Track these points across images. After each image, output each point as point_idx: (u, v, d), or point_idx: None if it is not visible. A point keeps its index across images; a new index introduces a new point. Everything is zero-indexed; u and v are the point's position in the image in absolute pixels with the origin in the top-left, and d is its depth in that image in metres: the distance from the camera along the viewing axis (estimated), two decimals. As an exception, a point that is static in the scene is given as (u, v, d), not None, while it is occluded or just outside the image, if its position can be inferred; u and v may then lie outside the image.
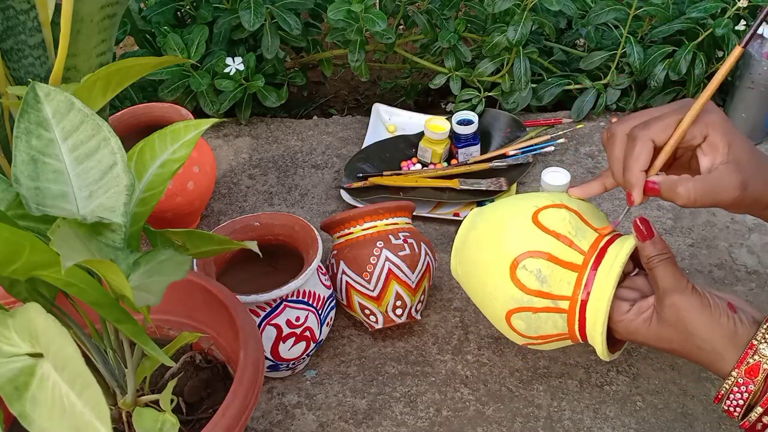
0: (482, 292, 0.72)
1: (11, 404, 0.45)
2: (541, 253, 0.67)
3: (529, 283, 0.68)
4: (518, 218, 0.70)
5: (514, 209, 0.72)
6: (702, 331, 0.62)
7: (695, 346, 0.63)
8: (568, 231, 0.68)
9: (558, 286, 0.67)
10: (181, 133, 0.56)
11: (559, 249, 0.67)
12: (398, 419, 0.76)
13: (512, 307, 0.69)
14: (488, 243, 0.71)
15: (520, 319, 0.69)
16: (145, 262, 0.50)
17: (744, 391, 0.60)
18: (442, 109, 1.32)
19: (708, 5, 1.08)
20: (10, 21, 0.65)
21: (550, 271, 0.67)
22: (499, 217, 0.72)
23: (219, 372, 0.67)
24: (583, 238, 0.68)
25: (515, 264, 0.68)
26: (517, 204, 0.72)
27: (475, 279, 0.73)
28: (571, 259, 0.67)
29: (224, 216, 1.03)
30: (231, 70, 1.10)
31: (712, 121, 0.61)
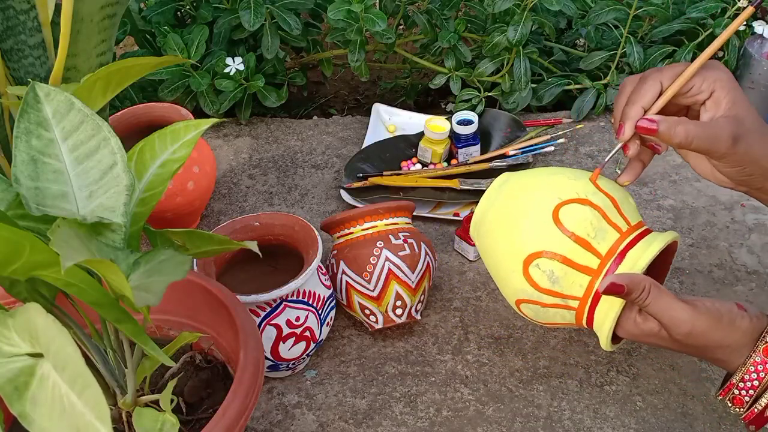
0: (495, 273, 0.72)
1: (11, 404, 0.45)
2: (556, 255, 0.66)
3: (541, 282, 0.67)
4: (539, 211, 0.67)
5: (537, 197, 0.68)
6: (721, 341, 0.61)
7: (712, 353, 0.63)
8: (587, 233, 0.65)
9: (570, 287, 0.67)
10: (181, 133, 0.56)
11: (575, 252, 0.66)
12: (398, 419, 0.76)
13: (522, 297, 0.69)
14: (506, 231, 0.70)
15: (529, 308, 0.70)
16: (145, 262, 0.50)
17: (762, 371, 0.60)
18: (442, 109, 1.32)
19: (708, 5, 1.08)
20: (10, 21, 0.65)
21: (563, 273, 0.66)
22: (522, 203, 0.69)
23: (219, 372, 0.67)
24: (603, 240, 0.66)
25: (529, 261, 0.67)
26: (542, 189, 0.69)
27: (490, 258, 0.72)
28: (586, 263, 0.66)
29: (224, 216, 1.03)
30: (231, 70, 1.10)
31: (720, 78, 0.62)
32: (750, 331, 0.60)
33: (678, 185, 1.04)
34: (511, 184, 0.72)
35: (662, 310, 0.61)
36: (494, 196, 0.73)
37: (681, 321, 0.61)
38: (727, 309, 0.62)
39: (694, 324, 0.61)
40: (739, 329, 0.61)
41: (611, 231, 0.66)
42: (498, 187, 0.73)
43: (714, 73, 0.63)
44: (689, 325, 0.61)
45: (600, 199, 0.67)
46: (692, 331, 0.61)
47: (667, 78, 0.64)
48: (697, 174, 0.69)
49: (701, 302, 0.62)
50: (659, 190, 1.03)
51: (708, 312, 0.61)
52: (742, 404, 0.61)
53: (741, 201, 1.00)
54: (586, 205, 0.66)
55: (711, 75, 0.63)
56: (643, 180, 1.05)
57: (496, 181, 0.74)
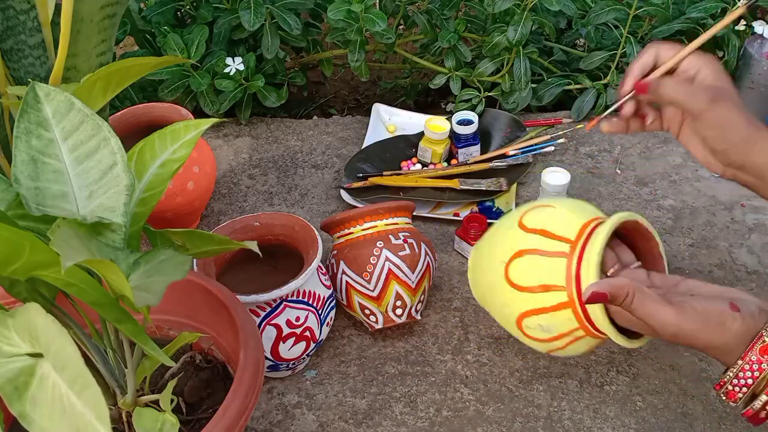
0: (493, 306, 0.74)
1: (11, 404, 0.45)
2: (533, 311, 0.68)
3: (539, 335, 0.70)
4: (498, 284, 0.70)
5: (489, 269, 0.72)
6: (710, 343, 0.61)
7: (705, 351, 0.63)
8: (539, 279, 0.68)
9: (563, 326, 0.68)
10: (181, 133, 0.56)
11: (544, 299, 0.68)
12: (398, 419, 0.76)
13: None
14: (489, 304, 0.74)
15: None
16: (145, 262, 0.50)
17: (756, 369, 0.60)
18: (442, 109, 1.32)
19: (708, 5, 1.08)
20: (10, 21, 0.65)
21: (550, 320, 0.68)
22: (484, 279, 0.74)
23: (219, 372, 0.67)
24: (557, 273, 0.67)
25: (519, 323, 0.70)
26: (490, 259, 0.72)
27: (487, 297, 0.75)
28: (558, 300, 0.67)
29: (224, 216, 1.03)
30: (231, 70, 1.10)
31: (707, 59, 0.71)
32: (741, 333, 0.60)
33: (678, 185, 1.04)
34: (476, 261, 0.76)
35: (648, 314, 0.62)
36: (472, 281, 0.77)
37: (666, 324, 0.61)
38: (718, 311, 0.61)
39: (680, 327, 0.61)
40: (728, 331, 0.60)
41: (557, 261, 0.67)
42: (471, 265, 0.77)
43: (703, 55, 0.71)
44: (675, 328, 0.61)
45: (531, 241, 0.69)
46: (678, 334, 0.61)
47: (664, 49, 0.72)
48: (694, 158, 0.73)
49: (690, 303, 0.62)
50: (659, 190, 1.03)
51: (695, 314, 0.61)
52: (735, 399, 0.61)
53: (741, 201, 1.00)
54: (523, 255, 0.68)
55: (700, 56, 0.71)
56: (643, 180, 1.05)
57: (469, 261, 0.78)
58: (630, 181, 1.05)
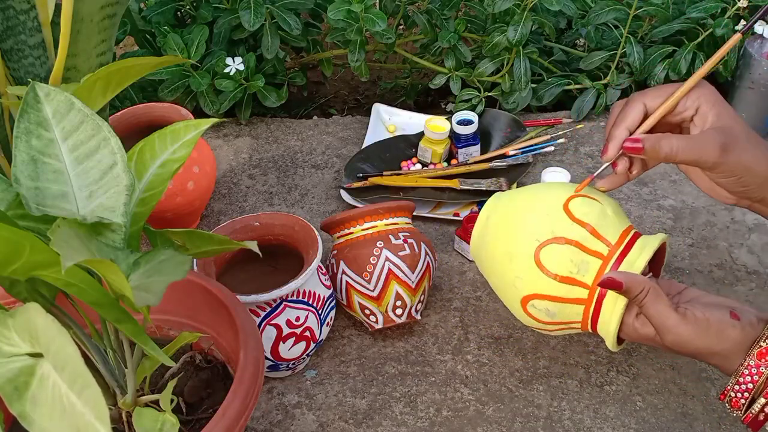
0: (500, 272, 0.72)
1: (11, 404, 0.44)
2: (547, 296, 0.68)
3: (541, 316, 0.70)
4: (522, 256, 0.69)
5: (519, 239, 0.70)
6: (710, 349, 0.62)
7: (704, 359, 0.64)
8: (569, 271, 0.67)
9: (568, 317, 0.69)
10: (181, 133, 0.56)
11: (563, 290, 0.68)
12: (398, 419, 0.76)
13: (528, 324, 0.72)
14: (497, 273, 0.73)
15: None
16: (145, 262, 0.50)
17: (755, 374, 0.60)
18: (442, 109, 1.32)
19: (708, 5, 1.08)
20: (10, 21, 0.65)
21: (558, 309, 0.69)
22: (505, 245, 0.71)
23: (219, 372, 0.67)
24: (587, 272, 0.67)
25: (525, 302, 0.70)
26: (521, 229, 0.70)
27: (495, 262, 0.73)
28: (576, 295, 0.68)
29: (224, 216, 1.03)
30: (231, 70, 1.10)
31: (704, 93, 0.65)
32: (740, 341, 0.61)
33: (678, 185, 1.04)
34: (496, 218, 0.73)
35: (655, 315, 0.63)
36: (482, 231, 0.75)
37: (667, 328, 0.63)
38: (717, 319, 0.62)
39: (679, 333, 0.62)
40: (728, 339, 0.61)
41: (593, 260, 0.67)
42: (485, 220, 0.75)
43: (698, 90, 0.65)
44: (675, 333, 0.62)
45: (575, 232, 0.68)
46: (677, 340, 0.63)
47: (650, 98, 0.66)
48: (701, 190, 0.70)
49: (692, 311, 0.63)
50: (659, 190, 1.03)
51: (696, 322, 0.62)
52: (739, 407, 0.62)
53: (741, 201, 1.00)
54: (563, 243, 0.68)
55: (695, 92, 0.65)
56: (643, 180, 1.05)
57: (482, 211, 0.76)
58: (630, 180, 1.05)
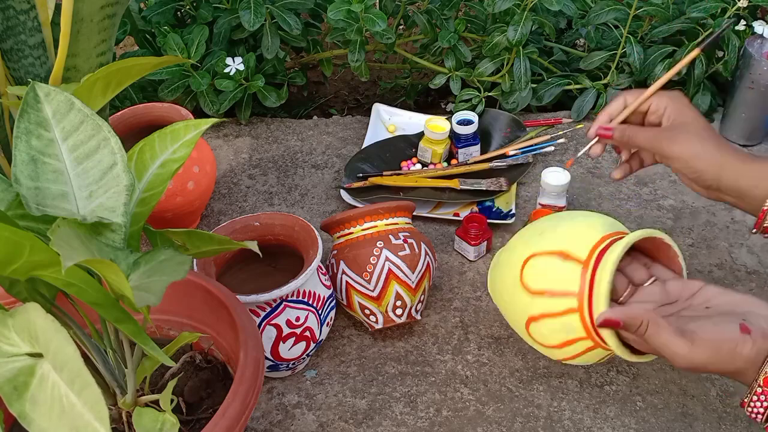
0: (505, 308, 0.76)
1: (11, 404, 0.45)
2: (543, 314, 0.69)
3: (546, 339, 0.70)
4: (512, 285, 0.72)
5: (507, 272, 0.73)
6: (723, 370, 0.62)
7: (716, 373, 0.63)
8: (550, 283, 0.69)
9: (573, 332, 0.68)
10: (181, 133, 0.56)
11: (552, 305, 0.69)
12: (398, 419, 0.76)
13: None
14: (502, 302, 0.76)
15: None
16: (145, 262, 0.50)
17: (765, 400, 0.60)
18: (442, 109, 1.32)
19: (708, 5, 1.08)
20: (10, 21, 0.65)
21: (559, 325, 0.68)
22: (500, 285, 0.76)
23: (219, 372, 0.67)
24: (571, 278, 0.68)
25: (528, 324, 0.71)
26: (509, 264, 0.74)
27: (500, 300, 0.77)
28: (567, 306, 0.68)
29: (224, 216, 1.03)
30: (231, 70, 1.10)
31: (672, 96, 0.77)
32: (753, 356, 0.60)
33: (678, 185, 1.04)
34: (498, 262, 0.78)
35: (661, 345, 0.62)
36: (491, 274, 0.79)
37: (679, 357, 0.62)
38: (729, 337, 0.61)
39: (692, 359, 0.61)
40: (740, 357, 0.60)
41: (572, 265, 0.68)
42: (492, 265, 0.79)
43: (668, 93, 0.77)
44: (687, 359, 0.61)
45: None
46: (691, 365, 0.62)
47: (631, 96, 0.78)
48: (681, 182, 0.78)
49: (701, 332, 0.62)
50: (659, 190, 1.03)
51: (706, 344, 0.61)
52: (758, 420, 0.62)
53: (741, 201, 1.00)
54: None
55: (665, 95, 0.77)
56: (643, 180, 1.05)
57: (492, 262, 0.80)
58: (630, 181, 1.05)
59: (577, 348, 0.70)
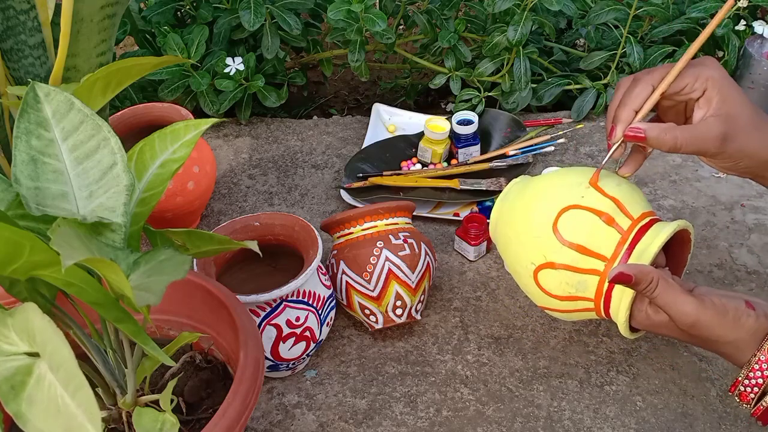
0: (515, 278, 0.74)
1: (7, 403, 0.44)
2: (562, 265, 0.68)
3: (555, 290, 0.70)
4: (539, 225, 0.70)
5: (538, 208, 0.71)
6: (724, 337, 0.62)
7: (718, 347, 0.64)
8: (586, 240, 0.68)
9: (583, 291, 0.68)
10: (181, 133, 0.56)
11: (579, 260, 0.68)
12: (398, 419, 0.76)
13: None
14: (514, 244, 0.73)
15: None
16: (145, 262, 0.50)
17: (766, 369, 0.60)
18: (442, 109, 1.32)
19: (708, 5, 1.08)
20: (10, 21, 0.65)
21: (574, 280, 0.68)
22: (524, 217, 0.72)
23: (219, 372, 0.67)
24: (605, 242, 0.67)
25: (538, 271, 0.70)
26: (542, 199, 0.71)
27: (508, 266, 0.75)
28: (592, 266, 0.68)
29: (224, 216, 1.03)
30: (231, 70, 1.10)
31: (712, 76, 0.64)
32: (754, 331, 0.61)
33: (678, 185, 1.04)
34: (513, 194, 0.75)
35: (669, 302, 0.63)
36: (501, 206, 0.76)
37: (685, 313, 0.62)
38: (734, 306, 0.63)
39: (698, 317, 0.62)
40: (743, 327, 0.62)
41: (612, 232, 0.67)
42: (504, 195, 0.76)
43: (706, 71, 0.65)
44: (693, 317, 0.62)
45: (599, 202, 0.68)
46: (696, 324, 0.62)
47: (657, 79, 0.65)
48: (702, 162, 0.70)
49: (709, 296, 0.63)
50: (659, 190, 1.03)
51: (714, 307, 0.62)
52: (748, 401, 0.62)
53: (741, 201, 1.00)
54: (584, 210, 0.68)
55: (704, 73, 0.64)
56: (643, 180, 1.05)
57: (504, 190, 0.77)
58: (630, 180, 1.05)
59: (576, 305, 0.70)
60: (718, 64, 0.66)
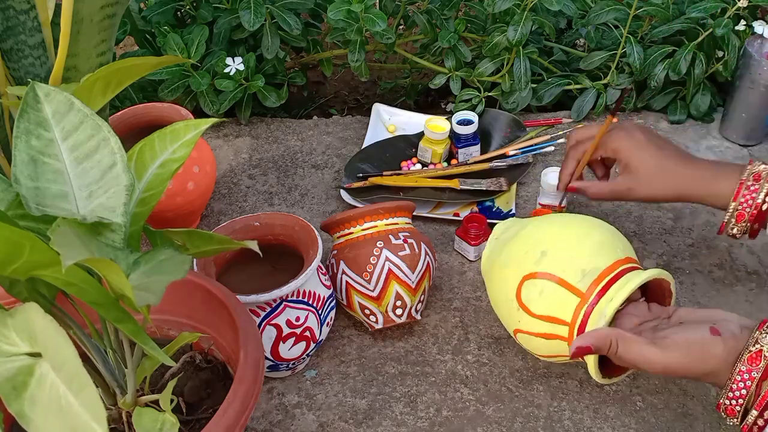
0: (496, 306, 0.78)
1: (9, 404, 0.45)
2: (547, 275, 0.70)
3: (534, 348, 0.74)
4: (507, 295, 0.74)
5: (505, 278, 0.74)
6: (696, 371, 0.64)
7: (698, 379, 0.65)
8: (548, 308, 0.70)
9: (559, 310, 0.70)
10: (181, 133, 0.56)
11: (544, 327, 0.71)
12: (398, 419, 0.76)
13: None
14: (494, 303, 0.78)
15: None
16: (145, 262, 0.50)
17: (747, 379, 0.61)
18: (442, 109, 1.32)
19: (708, 5, 1.08)
20: (10, 21, 0.65)
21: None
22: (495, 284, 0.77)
23: (219, 372, 0.68)
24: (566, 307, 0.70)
25: (515, 334, 0.74)
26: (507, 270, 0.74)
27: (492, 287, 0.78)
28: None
29: (224, 216, 1.03)
30: (231, 70, 1.10)
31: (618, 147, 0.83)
32: (724, 357, 0.63)
33: (678, 185, 1.04)
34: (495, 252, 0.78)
35: (634, 357, 0.65)
36: (487, 255, 0.80)
37: (653, 363, 0.64)
38: (699, 338, 0.64)
39: (665, 364, 0.64)
40: (713, 358, 0.63)
41: (571, 297, 0.69)
42: (489, 246, 0.80)
43: (614, 140, 0.84)
44: (662, 364, 0.64)
45: (556, 267, 0.70)
46: (666, 369, 0.64)
47: (578, 154, 0.88)
48: None
49: (673, 336, 0.65)
50: (659, 190, 1.03)
51: (678, 349, 0.64)
52: (735, 414, 0.63)
53: (741, 201, 1.00)
54: (542, 279, 0.70)
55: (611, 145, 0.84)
56: (643, 180, 1.05)
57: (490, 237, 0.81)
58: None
59: (560, 359, 0.74)
60: (628, 131, 0.83)
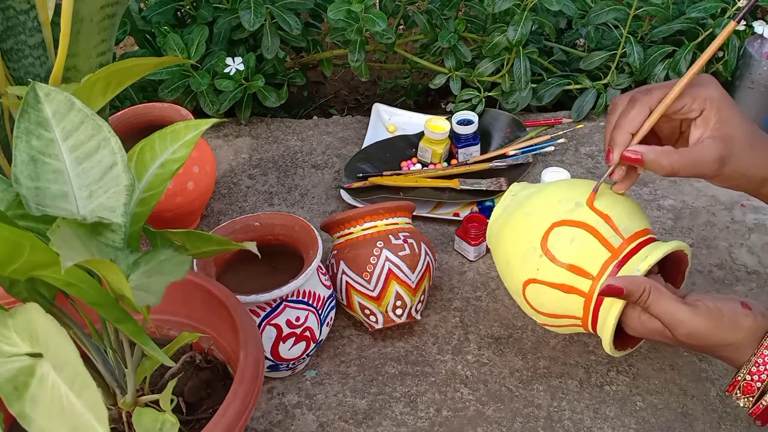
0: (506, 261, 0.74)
1: (10, 404, 0.45)
2: (548, 283, 0.69)
3: (540, 306, 0.71)
4: (529, 241, 0.70)
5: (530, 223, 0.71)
6: (723, 340, 0.62)
7: (717, 351, 0.63)
8: (576, 258, 0.67)
9: (568, 308, 0.69)
10: (181, 133, 0.56)
11: (566, 278, 0.68)
12: (398, 419, 0.76)
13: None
14: (504, 258, 0.74)
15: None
16: (145, 262, 0.50)
17: (763, 372, 0.60)
18: (442, 109, 1.32)
19: (708, 5, 1.08)
20: (10, 21, 0.65)
21: (559, 298, 0.69)
22: (516, 231, 0.72)
23: (219, 372, 0.67)
24: (593, 261, 0.67)
25: (525, 285, 0.71)
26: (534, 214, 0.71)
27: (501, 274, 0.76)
28: (579, 286, 0.68)
29: (224, 216, 1.03)
30: (231, 70, 1.10)
31: (710, 96, 0.63)
32: (753, 331, 0.61)
33: (678, 185, 1.04)
34: (511, 204, 0.76)
35: (663, 311, 0.62)
36: (498, 214, 0.76)
37: (681, 322, 0.62)
38: (730, 309, 0.62)
39: (694, 325, 0.62)
40: (741, 329, 0.61)
41: (602, 250, 0.67)
42: (501, 205, 0.77)
43: (704, 91, 0.63)
44: (689, 326, 0.62)
45: (591, 218, 0.68)
46: (693, 332, 0.62)
47: (655, 100, 0.64)
48: None
49: (703, 302, 0.63)
50: (659, 190, 1.03)
51: (709, 312, 0.62)
52: (753, 392, 0.62)
53: (741, 201, 1.00)
54: (574, 226, 0.68)
55: (702, 93, 0.63)
56: (643, 180, 1.05)
57: (503, 196, 0.78)
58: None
59: (563, 321, 0.71)
60: (716, 83, 0.65)
